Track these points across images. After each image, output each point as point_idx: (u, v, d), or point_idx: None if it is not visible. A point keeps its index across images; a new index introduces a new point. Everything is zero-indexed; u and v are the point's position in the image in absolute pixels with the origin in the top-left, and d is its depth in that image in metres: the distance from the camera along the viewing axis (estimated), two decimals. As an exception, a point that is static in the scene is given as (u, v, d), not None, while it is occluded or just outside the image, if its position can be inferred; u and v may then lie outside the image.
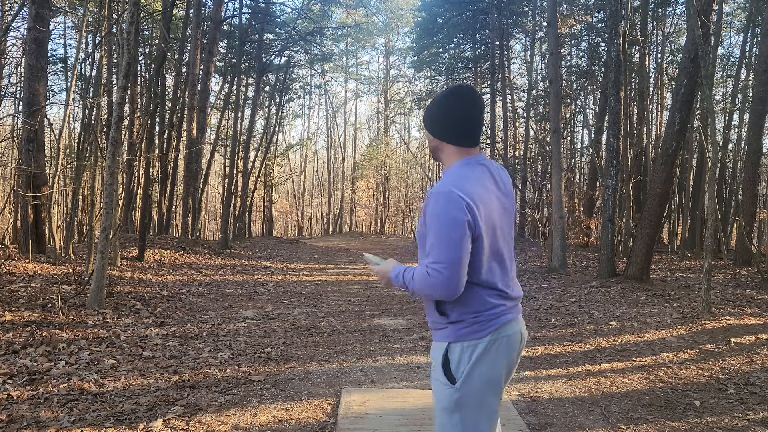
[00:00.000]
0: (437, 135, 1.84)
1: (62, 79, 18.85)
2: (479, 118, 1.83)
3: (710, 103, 8.02)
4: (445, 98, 1.82)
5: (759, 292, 8.30)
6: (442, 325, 1.80)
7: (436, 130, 1.84)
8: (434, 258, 1.67)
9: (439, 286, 1.67)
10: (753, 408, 3.70)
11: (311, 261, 14.78)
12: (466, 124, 1.81)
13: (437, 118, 1.84)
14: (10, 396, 3.58)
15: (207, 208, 31.73)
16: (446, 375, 1.75)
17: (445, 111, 1.82)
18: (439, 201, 1.69)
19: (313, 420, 3.41)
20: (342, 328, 6.21)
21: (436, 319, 1.82)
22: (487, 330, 1.75)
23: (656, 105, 19.20)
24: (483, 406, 1.74)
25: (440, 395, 1.77)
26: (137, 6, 7.21)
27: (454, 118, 1.81)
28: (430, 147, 1.88)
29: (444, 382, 1.75)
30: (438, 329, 1.82)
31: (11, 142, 16.16)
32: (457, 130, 1.81)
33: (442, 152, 1.86)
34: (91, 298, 6.35)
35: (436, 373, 1.79)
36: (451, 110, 1.81)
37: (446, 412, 1.75)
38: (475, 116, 1.82)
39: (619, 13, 10.76)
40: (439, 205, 1.68)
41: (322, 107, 42.36)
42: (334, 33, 27.54)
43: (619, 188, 12.06)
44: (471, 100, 1.81)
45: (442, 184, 1.74)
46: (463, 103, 1.80)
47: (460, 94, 1.81)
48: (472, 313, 1.76)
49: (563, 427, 3.38)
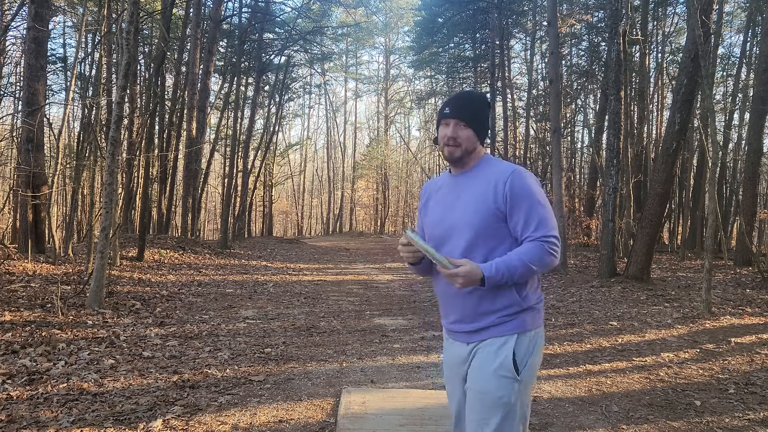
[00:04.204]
0: (483, 137, 1.84)
1: (62, 79, 18.83)
2: None
3: (710, 102, 8.01)
4: (489, 104, 1.89)
5: (759, 292, 8.29)
6: (510, 316, 1.73)
7: (484, 133, 1.85)
8: (548, 230, 1.70)
9: (556, 258, 1.71)
10: (753, 408, 3.69)
11: (311, 261, 14.77)
12: None
13: (487, 123, 1.86)
14: (9, 396, 3.57)
15: (207, 207, 31.71)
16: (515, 368, 1.70)
17: (489, 115, 1.89)
18: (527, 176, 1.73)
19: (313, 420, 3.40)
20: (342, 328, 6.20)
21: (512, 303, 1.73)
22: (542, 316, 1.81)
23: (656, 104, 19.20)
24: (529, 398, 1.77)
25: (501, 391, 1.69)
26: (137, 5, 7.21)
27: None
28: (467, 147, 1.80)
29: (511, 376, 1.70)
30: (504, 321, 1.73)
31: (11, 141, 16.15)
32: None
33: (475, 151, 1.84)
34: (90, 298, 6.34)
35: (502, 369, 1.70)
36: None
37: (507, 407, 1.69)
38: None
39: (620, 13, 10.76)
40: (531, 179, 1.74)
41: (321, 107, 42.36)
42: (334, 32, 27.53)
43: (620, 188, 12.06)
44: None
45: (510, 164, 1.79)
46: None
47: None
48: (538, 298, 1.80)
49: (563, 427, 3.37)
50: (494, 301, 1.73)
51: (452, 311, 1.83)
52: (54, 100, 16.23)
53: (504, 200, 1.71)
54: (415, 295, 8.65)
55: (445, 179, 1.94)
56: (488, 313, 1.74)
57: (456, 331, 1.84)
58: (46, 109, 10.89)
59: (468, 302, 1.76)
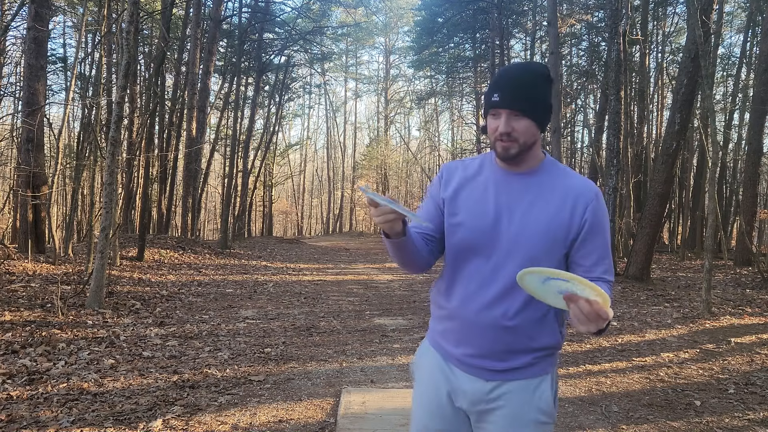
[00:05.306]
0: (545, 124, 1.44)
1: (62, 79, 18.82)
2: None
3: (711, 102, 8.02)
4: (550, 77, 1.44)
5: (759, 292, 8.29)
6: (550, 351, 1.48)
7: (546, 119, 1.44)
8: (609, 267, 1.47)
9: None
10: (753, 408, 3.69)
11: (311, 261, 14.76)
12: None
13: (549, 106, 1.43)
14: (9, 396, 3.57)
15: (207, 207, 31.71)
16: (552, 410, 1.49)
17: (551, 92, 1.45)
18: (603, 203, 1.46)
19: (312, 420, 3.40)
20: (342, 328, 6.20)
21: (554, 343, 1.47)
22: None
23: (656, 104, 19.21)
24: None
25: None
26: (137, 5, 7.21)
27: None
28: (525, 141, 1.41)
29: (550, 420, 1.47)
30: (543, 361, 1.47)
31: (11, 141, 16.14)
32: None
33: (535, 145, 1.45)
34: (90, 297, 6.34)
35: (541, 414, 1.46)
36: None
37: None
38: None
39: (620, 13, 10.75)
40: (605, 208, 1.46)
41: (321, 107, 42.35)
42: (334, 32, 27.53)
43: (620, 188, 12.06)
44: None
45: (589, 181, 1.49)
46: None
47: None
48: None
49: (563, 427, 3.37)
50: (536, 339, 1.44)
51: (473, 343, 1.46)
52: (54, 100, 16.25)
53: (580, 227, 1.41)
54: (415, 295, 8.65)
55: (487, 170, 1.51)
56: (525, 352, 1.44)
57: (473, 365, 1.47)
58: (46, 109, 10.89)
59: (506, 337, 1.42)
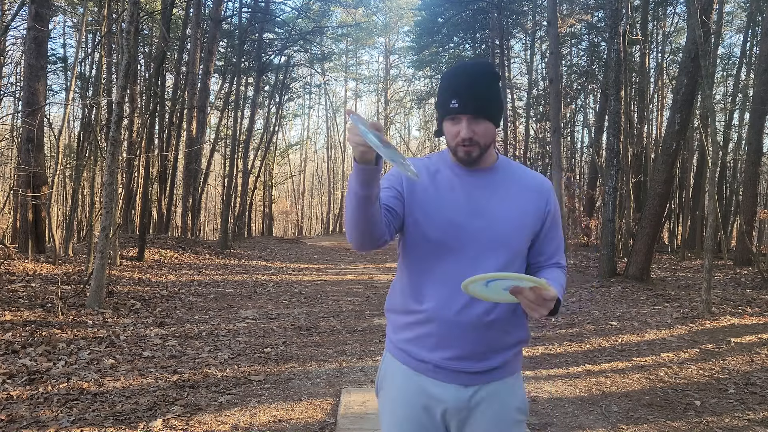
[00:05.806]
0: (499, 121, 1.43)
1: (62, 79, 18.82)
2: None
3: (711, 102, 8.01)
4: (498, 74, 1.43)
5: (759, 292, 8.29)
6: (519, 351, 1.50)
7: (500, 116, 1.43)
8: (563, 253, 1.55)
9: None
10: (753, 408, 3.69)
11: (311, 261, 14.77)
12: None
13: (501, 102, 1.43)
14: (9, 396, 3.57)
15: (207, 207, 31.70)
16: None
17: (501, 88, 1.46)
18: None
19: (312, 420, 3.40)
20: (342, 327, 6.20)
21: (525, 336, 1.50)
22: None
23: (656, 104, 19.21)
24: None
25: None
26: (137, 5, 7.21)
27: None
28: (486, 142, 1.41)
29: (525, 418, 1.50)
30: (515, 358, 1.49)
31: (11, 141, 16.13)
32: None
33: (493, 143, 1.46)
34: (90, 297, 6.34)
35: (519, 413, 1.46)
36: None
37: None
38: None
39: (620, 13, 10.75)
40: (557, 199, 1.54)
41: (321, 107, 42.32)
42: (334, 32, 27.51)
43: (620, 188, 12.06)
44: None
45: (540, 174, 1.55)
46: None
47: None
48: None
49: (563, 427, 3.37)
50: (512, 334, 1.45)
51: (453, 345, 1.40)
52: (54, 100, 16.24)
53: (544, 218, 1.47)
54: (415, 295, 8.64)
55: (447, 168, 1.48)
56: (503, 349, 1.44)
57: (454, 370, 1.41)
58: (46, 109, 10.89)
59: (487, 335, 1.40)
